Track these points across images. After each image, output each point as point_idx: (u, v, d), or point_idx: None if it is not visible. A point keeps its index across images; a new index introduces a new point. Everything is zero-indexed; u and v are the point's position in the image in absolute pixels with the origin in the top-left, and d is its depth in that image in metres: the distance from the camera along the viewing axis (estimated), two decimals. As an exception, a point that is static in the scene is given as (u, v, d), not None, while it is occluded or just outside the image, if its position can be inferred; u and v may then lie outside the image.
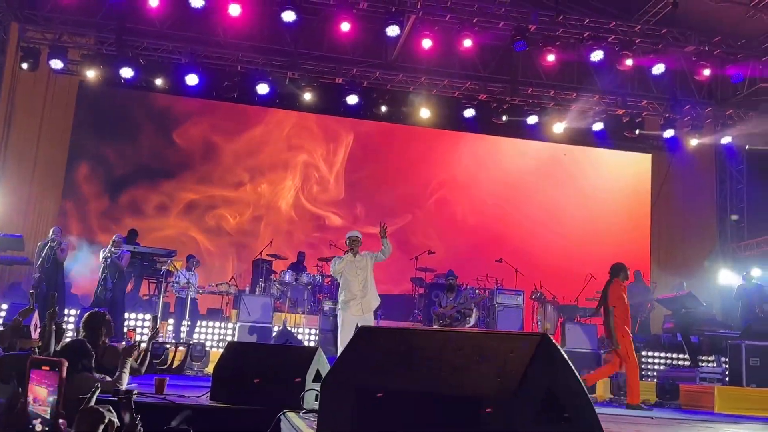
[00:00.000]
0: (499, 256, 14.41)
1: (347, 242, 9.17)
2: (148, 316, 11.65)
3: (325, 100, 15.18)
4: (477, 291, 14.01)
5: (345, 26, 12.60)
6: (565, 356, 2.55)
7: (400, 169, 16.71)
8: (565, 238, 16.65)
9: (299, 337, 12.30)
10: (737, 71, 14.18)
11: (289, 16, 12.27)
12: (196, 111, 15.89)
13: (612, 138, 16.41)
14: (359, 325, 8.19)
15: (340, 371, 2.78)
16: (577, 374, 2.60)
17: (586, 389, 2.60)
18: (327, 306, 12.70)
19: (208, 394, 5.73)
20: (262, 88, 14.17)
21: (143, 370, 5.98)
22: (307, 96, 14.79)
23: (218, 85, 14.97)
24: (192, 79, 13.83)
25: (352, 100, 14.50)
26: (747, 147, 16.55)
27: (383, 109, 15.22)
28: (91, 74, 14.02)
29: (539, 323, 13.96)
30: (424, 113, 15.26)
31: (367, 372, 2.74)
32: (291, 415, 4.67)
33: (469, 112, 15.15)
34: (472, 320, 12.89)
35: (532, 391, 2.41)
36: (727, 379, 11.29)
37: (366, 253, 9.11)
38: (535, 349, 2.46)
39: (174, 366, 9.99)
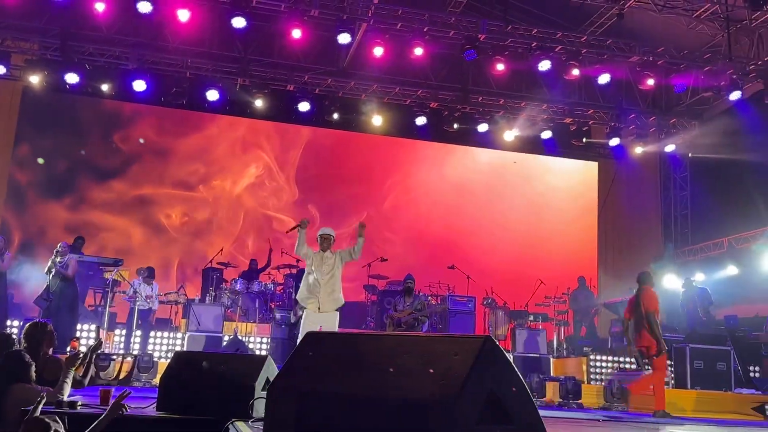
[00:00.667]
0: (451, 263, 14.53)
1: (318, 239, 8.81)
2: (93, 327, 11.39)
3: (277, 106, 15.12)
4: (429, 297, 14.10)
5: (296, 33, 12.56)
6: (509, 358, 2.58)
7: (352, 177, 16.72)
8: (515, 245, 16.87)
9: (250, 346, 12.16)
10: (680, 81, 14.59)
11: (239, 22, 12.17)
12: (144, 117, 15.65)
13: (560, 146, 16.74)
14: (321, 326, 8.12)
15: (286, 377, 2.76)
16: (520, 376, 2.63)
17: (529, 390, 2.64)
18: (279, 314, 12.59)
19: (155, 404, 5.61)
20: (212, 95, 14.03)
21: (86, 381, 5.82)
22: (259, 103, 14.71)
23: (167, 91, 14.78)
24: (139, 85, 13.62)
25: (304, 107, 14.46)
26: (690, 155, 17.05)
27: (335, 116, 15.23)
28: (35, 80, 13.70)
29: (491, 329, 14.10)
30: (377, 120, 15.31)
31: (312, 377, 2.73)
32: (239, 424, 4.60)
33: (420, 120, 15.25)
34: (425, 327, 12.96)
35: (475, 392, 2.43)
36: (672, 381, 11.55)
37: (338, 251, 8.78)
38: (478, 352, 2.49)
39: (121, 377, 9.76)
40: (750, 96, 14.79)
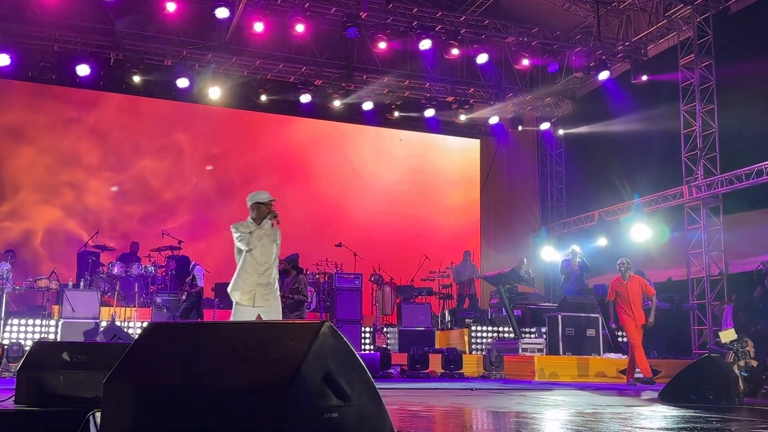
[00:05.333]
0: (339, 241, 14.59)
1: (252, 207, 6.49)
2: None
3: (155, 83, 14.59)
4: (318, 276, 14.15)
5: (171, 6, 12.16)
6: (345, 340, 2.64)
7: (236, 155, 16.42)
8: (401, 221, 17.15)
9: (130, 331, 11.79)
10: (554, 61, 15.19)
11: (109, -6, 11.64)
12: (9, 93, 14.71)
13: (443, 124, 17.10)
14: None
15: (124, 370, 2.71)
16: (357, 356, 2.69)
17: (367, 371, 2.71)
18: (160, 298, 12.29)
19: (14, 397, 5.37)
20: (83, 69, 13.36)
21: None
22: (136, 78, 14.15)
23: (33, 65, 13.93)
24: (2, 59, 12.78)
25: (183, 83, 14.04)
26: (564, 132, 17.84)
27: (216, 92, 14.85)
28: None
29: (377, 304, 14.31)
30: (259, 97, 15.09)
31: (151, 370, 2.69)
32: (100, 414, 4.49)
33: (305, 97, 15.15)
34: (311, 304, 13.03)
35: (310, 377, 2.47)
36: (545, 349, 12.13)
37: (276, 227, 6.48)
38: (315, 336, 2.53)
39: (-14, 369, 9.26)
40: (618, 76, 15.60)
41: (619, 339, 13.37)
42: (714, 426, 4.80)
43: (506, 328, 13.67)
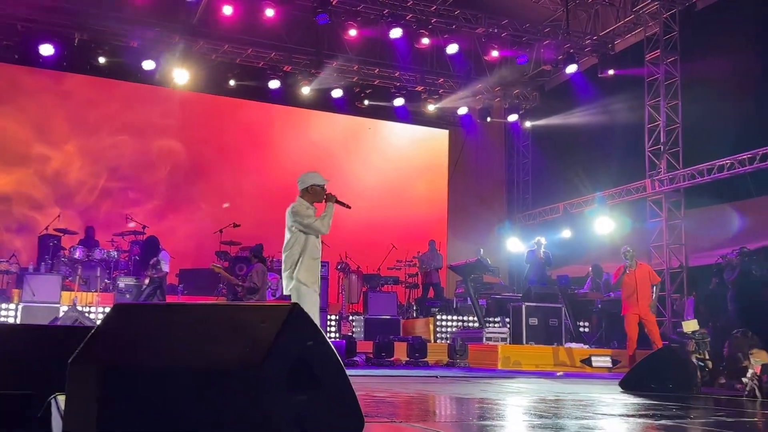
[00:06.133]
0: (305, 228, 14.51)
1: (308, 190, 6.47)
2: None
3: (120, 65, 14.33)
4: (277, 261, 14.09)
5: (137, -13, 11.92)
6: (316, 323, 2.64)
7: (204, 140, 16.22)
8: (369, 210, 17.09)
9: (92, 316, 11.62)
10: (523, 53, 15.29)
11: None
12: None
13: (412, 114, 17.11)
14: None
15: (89, 352, 2.67)
16: (328, 340, 2.69)
17: (336, 354, 2.71)
18: (123, 283, 12.13)
19: (-30, 382, 5.26)
20: (47, 49, 13.07)
21: None
22: (101, 60, 13.88)
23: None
24: (-39, 36, 12.44)
25: (149, 65, 13.82)
26: (531, 124, 17.99)
27: (182, 75, 14.63)
28: None
29: (344, 293, 14.32)
30: (228, 82, 14.93)
31: (118, 351, 2.66)
32: (62, 398, 4.43)
33: (274, 83, 15.03)
34: (277, 292, 12.98)
35: (281, 359, 2.46)
36: (509, 338, 12.27)
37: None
38: (285, 319, 2.52)
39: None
40: (585, 69, 15.77)
41: (581, 329, 13.59)
42: (673, 413, 4.92)
43: (471, 318, 13.80)
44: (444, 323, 13.90)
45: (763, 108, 11.69)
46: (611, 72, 14.84)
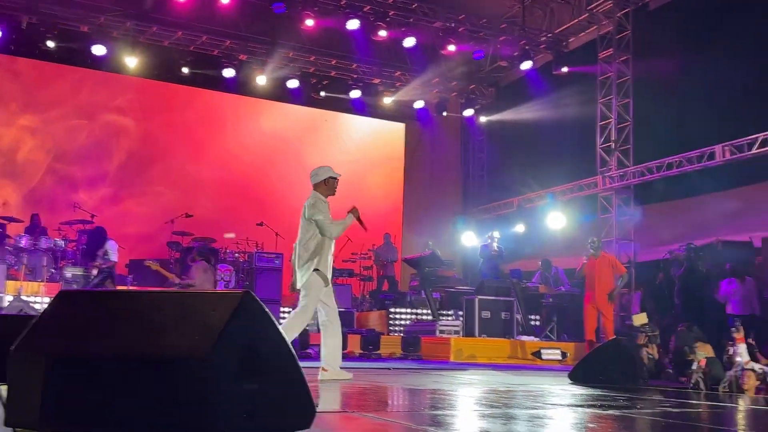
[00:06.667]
0: (261, 220, 14.41)
1: (325, 182, 6.72)
2: None
3: (70, 50, 13.95)
4: (236, 255, 13.93)
5: (89, -30, 11.60)
6: (268, 312, 2.60)
7: (157, 128, 15.91)
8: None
9: (37, 306, 11.30)
10: (479, 49, 15.38)
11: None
12: None
13: (369, 106, 17.07)
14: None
15: (32, 340, 2.58)
16: (280, 328, 2.66)
17: (289, 343, 2.68)
18: (70, 273, 11.82)
19: None
20: (-8, 32, 12.65)
21: None
22: (50, 44, 13.49)
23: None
24: None
25: (99, 50, 13.48)
26: (486, 119, 18.12)
27: (134, 62, 14.32)
28: None
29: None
30: (181, 69, 14.67)
31: (63, 339, 2.58)
32: (5, 387, 4.30)
33: (228, 72, 14.83)
34: (230, 284, 12.85)
35: (231, 347, 2.42)
36: (462, 330, 12.36)
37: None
38: (236, 307, 2.48)
39: None
40: (540, 66, 15.95)
41: (532, 322, 13.77)
42: (620, 404, 5.02)
43: (424, 310, 13.85)
44: (398, 316, 13.93)
45: (711, 107, 11.99)
46: (565, 69, 15.05)
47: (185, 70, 14.92)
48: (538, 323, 14.00)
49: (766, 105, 11.17)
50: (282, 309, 13.34)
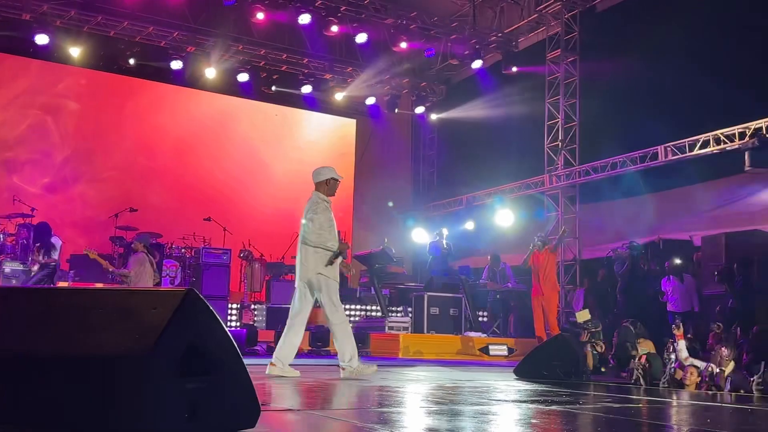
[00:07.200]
0: (208, 215, 14.22)
1: (327, 182, 6.70)
2: None
3: (11, 39, 13.50)
4: (183, 250, 13.71)
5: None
6: (212, 309, 2.56)
7: (102, 120, 15.50)
8: (274, 198, 16.90)
9: (-27, 303, 10.92)
10: (431, 46, 15.46)
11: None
12: None
13: (320, 102, 16.99)
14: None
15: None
16: (224, 326, 2.62)
17: (233, 341, 2.64)
18: (9, 268, 11.44)
19: None
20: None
21: None
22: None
23: None
24: None
25: (42, 40, 13.08)
26: (437, 117, 18.24)
27: (78, 52, 13.93)
28: None
29: (246, 281, 14.11)
30: (127, 61, 14.35)
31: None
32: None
33: (176, 64, 14.57)
34: (175, 280, 12.65)
35: (173, 345, 2.38)
36: (410, 327, 12.43)
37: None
38: (179, 304, 2.43)
39: None
40: (490, 65, 16.13)
41: (480, 319, 13.93)
42: (563, 399, 5.11)
43: (374, 307, 13.88)
44: (347, 312, 13.88)
45: (654, 109, 12.30)
46: (514, 69, 15.25)
47: (132, 61, 14.59)
48: (485, 319, 14.17)
49: (706, 107, 11.50)
50: (230, 305, 13.19)
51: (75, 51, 13.79)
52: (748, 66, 11.02)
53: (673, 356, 7.44)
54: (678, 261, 11.13)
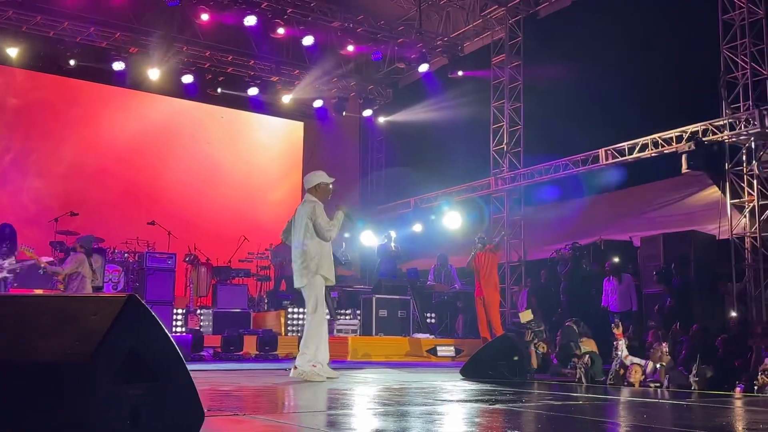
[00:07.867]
0: (152, 218, 13.96)
1: (319, 187, 6.79)
2: None
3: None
4: (126, 255, 13.43)
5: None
6: (154, 315, 2.54)
7: (41, 123, 15.07)
8: (220, 201, 16.72)
9: None
10: (377, 50, 15.54)
11: None
12: None
13: (267, 104, 16.88)
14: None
15: None
16: (167, 332, 2.60)
17: (176, 347, 2.62)
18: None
19: None
20: None
21: None
22: None
23: None
24: None
25: (-23, 39, 12.67)
26: (385, 120, 18.33)
27: (15, 52, 13.53)
28: None
29: (192, 285, 13.89)
30: (68, 62, 14.00)
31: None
32: None
33: (118, 65, 14.29)
34: (118, 285, 12.39)
35: (113, 351, 2.35)
36: (359, 329, 12.44)
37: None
38: (120, 310, 2.40)
39: None
40: (437, 69, 16.29)
41: (428, 320, 14.04)
42: (507, 398, 5.21)
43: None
44: (295, 316, 13.81)
45: (595, 113, 12.61)
46: (460, 73, 15.46)
47: (72, 62, 14.25)
48: (433, 321, 14.28)
49: (645, 111, 11.86)
50: (175, 311, 12.97)
51: (13, 51, 13.39)
52: (685, 71, 11.40)
53: (616, 354, 7.66)
54: (616, 260, 11.44)
